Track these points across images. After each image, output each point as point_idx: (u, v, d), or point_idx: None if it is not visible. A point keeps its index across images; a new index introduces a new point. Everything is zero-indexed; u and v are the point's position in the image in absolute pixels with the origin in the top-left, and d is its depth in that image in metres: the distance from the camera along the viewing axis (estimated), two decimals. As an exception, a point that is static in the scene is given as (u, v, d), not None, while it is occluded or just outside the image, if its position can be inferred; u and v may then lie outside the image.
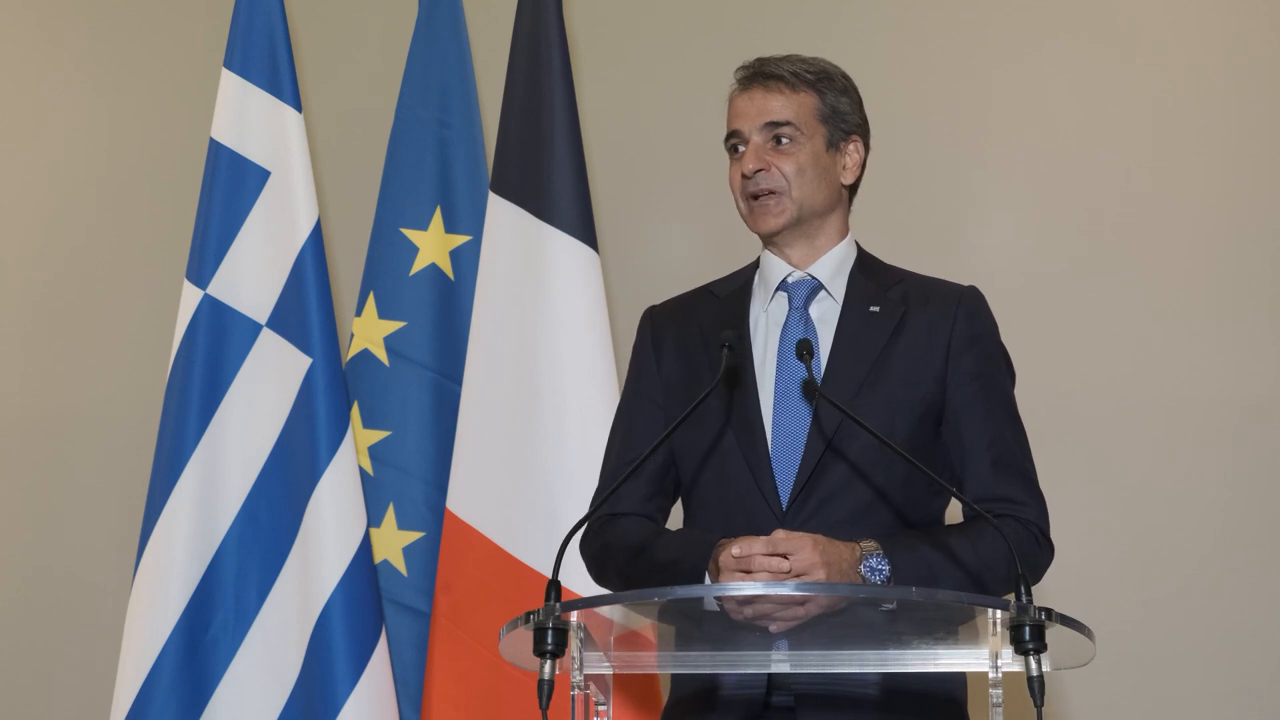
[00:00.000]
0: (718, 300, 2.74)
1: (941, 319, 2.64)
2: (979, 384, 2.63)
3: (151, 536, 3.49)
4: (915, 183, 3.98)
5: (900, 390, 2.59)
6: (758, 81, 2.68)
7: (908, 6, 4.06)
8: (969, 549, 2.50)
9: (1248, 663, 3.68)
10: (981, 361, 2.65)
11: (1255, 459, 3.74)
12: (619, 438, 2.75)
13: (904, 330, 2.63)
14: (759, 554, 2.37)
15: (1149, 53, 3.91)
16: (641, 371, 2.76)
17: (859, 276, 2.70)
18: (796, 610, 2.26)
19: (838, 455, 2.55)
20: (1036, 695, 2.07)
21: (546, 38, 3.69)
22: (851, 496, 2.56)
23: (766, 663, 2.42)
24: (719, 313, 2.71)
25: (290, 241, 3.58)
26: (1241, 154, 3.83)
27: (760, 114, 2.66)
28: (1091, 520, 3.77)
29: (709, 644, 2.37)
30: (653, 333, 2.77)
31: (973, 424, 2.61)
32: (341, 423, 3.52)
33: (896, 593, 2.27)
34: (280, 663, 3.47)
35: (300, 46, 3.95)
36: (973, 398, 2.62)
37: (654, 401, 2.72)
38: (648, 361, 2.75)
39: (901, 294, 2.68)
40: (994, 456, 2.60)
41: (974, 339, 2.65)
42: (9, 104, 4.25)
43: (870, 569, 2.44)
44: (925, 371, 2.61)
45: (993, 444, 2.60)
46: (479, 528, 3.54)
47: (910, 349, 2.62)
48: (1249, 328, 3.79)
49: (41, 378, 4.17)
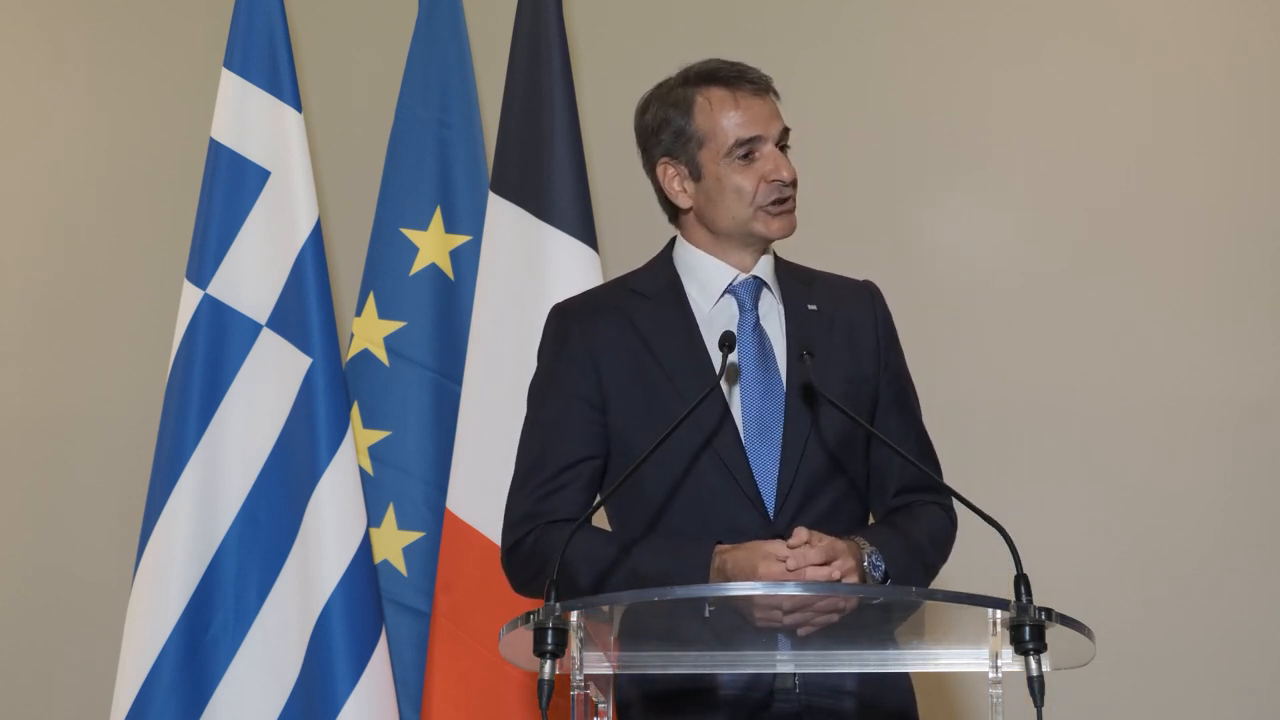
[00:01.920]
0: (648, 300, 2.68)
1: (863, 315, 2.71)
2: (902, 380, 2.74)
3: (151, 536, 3.49)
4: (915, 183, 3.98)
5: (851, 386, 2.63)
6: (760, 87, 2.66)
7: (908, 7, 4.06)
8: (927, 533, 2.60)
9: (1248, 662, 3.68)
10: (899, 357, 2.75)
11: (1255, 458, 3.74)
12: (551, 437, 2.62)
13: (835, 327, 2.67)
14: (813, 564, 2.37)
15: (1149, 53, 3.91)
16: (570, 371, 2.64)
17: (785, 276, 2.72)
18: (833, 616, 2.27)
19: (811, 454, 2.57)
20: (1036, 695, 2.07)
21: (546, 38, 3.69)
22: (826, 495, 2.58)
23: (770, 663, 2.42)
24: (656, 314, 2.65)
25: (290, 241, 3.58)
26: (1240, 154, 3.83)
27: (777, 119, 2.66)
28: (1091, 520, 3.78)
29: (709, 645, 2.36)
30: (581, 332, 2.66)
31: (901, 418, 2.70)
32: (341, 423, 3.52)
33: (897, 594, 2.29)
34: (280, 663, 3.47)
35: (300, 46, 3.95)
36: (900, 393, 2.72)
37: (589, 402, 2.62)
38: (579, 361, 2.64)
39: (823, 292, 2.72)
40: (920, 449, 2.69)
41: (891, 336, 2.74)
42: (9, 104, 4.25)
43: (871, 565, 2.46)
44: (865, 367, 2.67)
45: (918, 437, 2.72)
46: (479, 528, 3.54)
47: (844, 346, 2.66)
48: (1249, 328, 3.79)
49: (41, 378, 4.17)
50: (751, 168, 2.63)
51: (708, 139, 2.64)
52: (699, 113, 2.65)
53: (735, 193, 2.63)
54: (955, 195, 3.98)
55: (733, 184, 2.63)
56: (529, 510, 2.60)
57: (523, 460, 2.67)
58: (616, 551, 2.51)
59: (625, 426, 2.59)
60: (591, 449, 2.61)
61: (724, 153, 2.63)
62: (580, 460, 2.60)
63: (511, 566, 2.62)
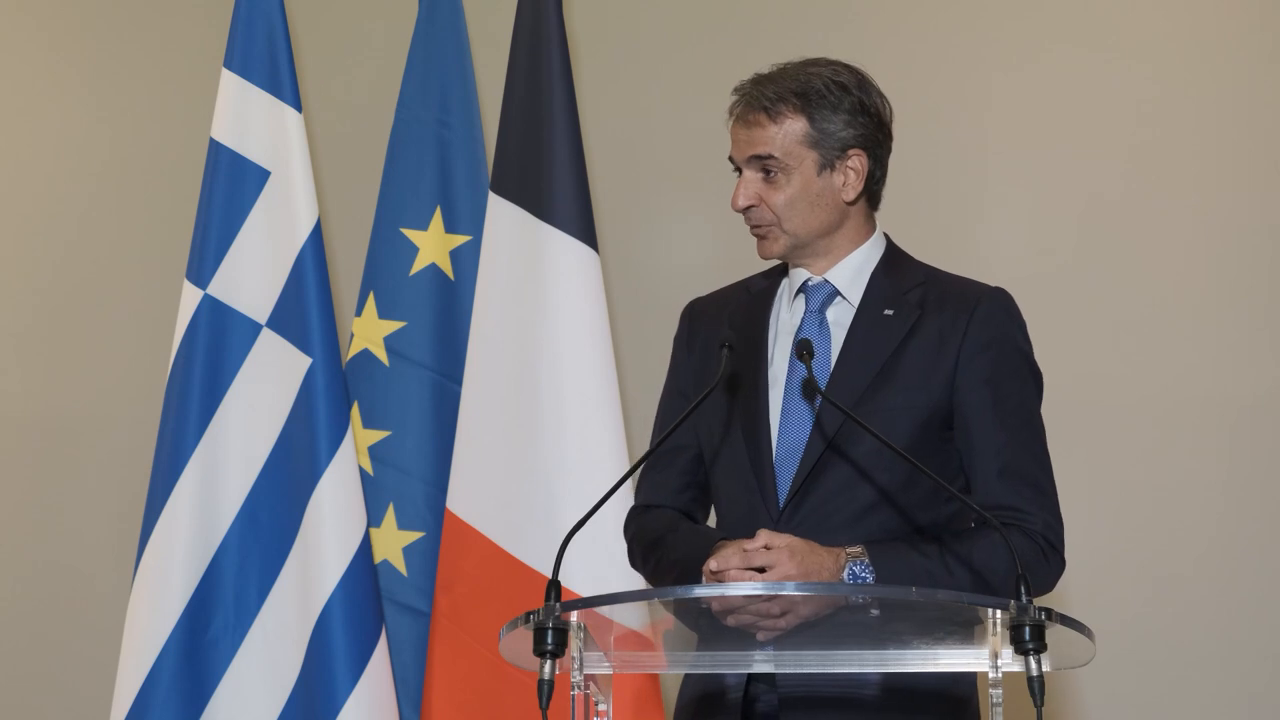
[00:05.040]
0: (749, 296, 2.75)
1: (955, 323, 2.59)
2: (990, 389, 2.57)
3: (151, 536, 3.49)
4: (915, 184, 3.98)
5: (905, 394, 2.56)
6: (746, 110, 2.61)
7: (910, 11, 4.06)
8: (964, 556, 2.48)
9: (1247, 662, 3.68)
10: (995, 366, 2.59)
11: (1253, 457, 3.74)
12: (654, 431, 2.80)
13: (916, 334, 2.59)
14: (735, 568, 2.38)
15: (1148, 55, 3.91)
16: (677, 364, 2.79)
17: (880, 278, 2.66)
18: (778, 621, 2.29)
19: (839, 457, 2.54)
20: (1036, 695, 2.07)
21: (546, 38, 3.69)
22: (852, 499, 2.55)
23: (766, 663, 2.42)
24: (749, 312, 2.72)
25: (290, 241, 3.58)
26: (1239, 155, 3.83)
27: (748, 145, 2.61)
28: (1090, 519, 3.77)
29: (706, 644, 2.38)
30: (689, 326, 2.79)
31: (982, 430, 2.56)
32: (341, 423, 3.52)
33: (897, 593, 2.26)
34: (280, 663, 3.47)
35: (300, 46, 3.95)
36: (982, 403, 2.57)
37: (683, 395, 2.74)
38: (682, 355, 2.78)
39: (920, 296, 2.63)
40: (1003, 464, 2.56)
41: (988, 343, 2.59)
42: (9, 104, 4.25)
43: (853, 575, 2.44)
44: (933, 376, 2.57)
45: (1001, 451, 2.56)
46: (479, 528, 3.54)
47: (920, 353, 2.58)
48: (1246, 327, 3.79)
49: (41, 378, 4.17)
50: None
51: None
52: None
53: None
54: (954, 196, 3.98)
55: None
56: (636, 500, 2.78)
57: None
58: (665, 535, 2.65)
59: (703, 419, 2.68)
60: (688, 439, 2.71)
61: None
62: (676, 450, 2.72)
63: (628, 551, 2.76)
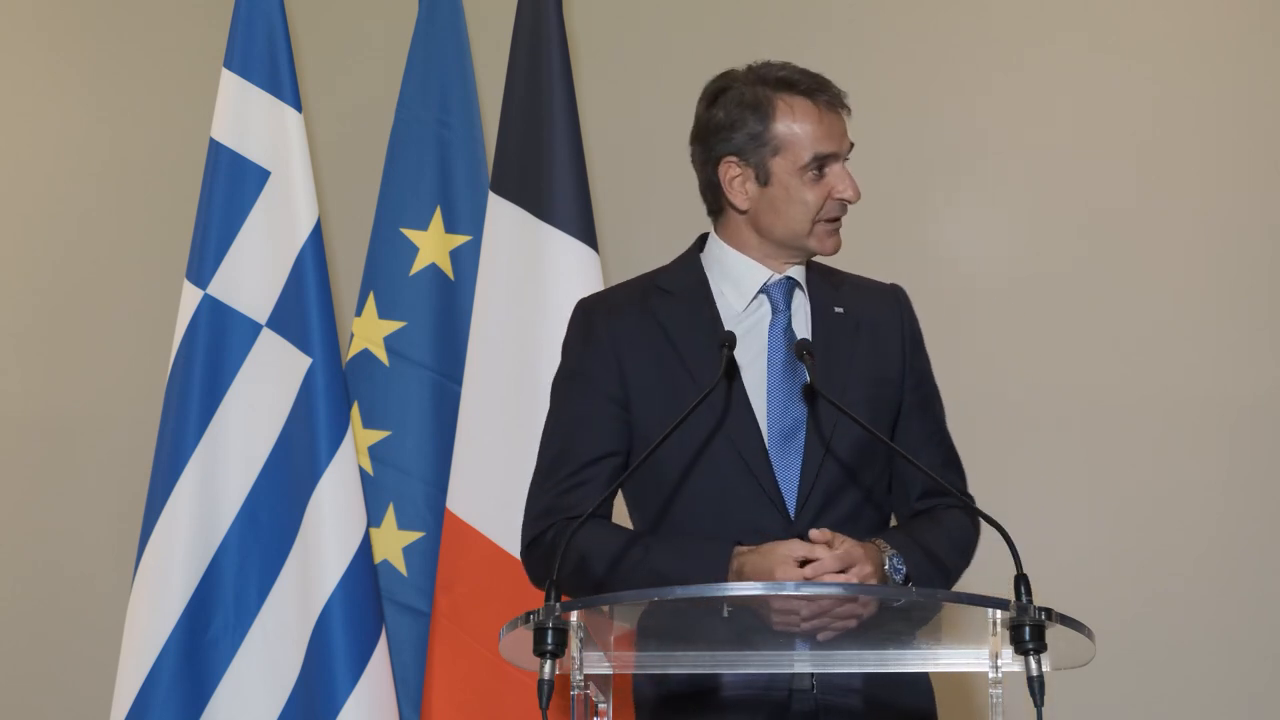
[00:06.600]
0: (674, 297, 2.67)
1: (889, 319, 2.72)
2: (926, 384, 2.74)
3: (151, 536, 3.49)
4: (914, 183, 3.98)
5: (875, 389, 2.64)
6: (836, 101, 2.64)
7: (909, 11, 4.06)
8: (945, 539, 2.60)
9: (1247, 662, 3.68)
10: (924, 361, 2.75)
11: (1253, 457, 3.74)
12: (574, 433, 2.61)
13: (861, 330, 2.67)
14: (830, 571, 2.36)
15: (1148, 55, 3.91)
16: (594, 366, 2.63)
17: (814, 278, 2.72)
18: (850, 621, 2.26)
19: (833, 456, 2.57)
20: (1036, 695, 2.07)
21: (546, 38, 3.69)
22: (847, 498, 2.58)
23: (782, 662, 2.41)
24: (683, 312, 2.65)
25: (290, 241, 3.58)
26: (1239, 155, 3.84)
27: (847, 137, 2.65)
28: (1091, 520, 3.78)
29: (713, 645, 2.35)
30: (606, 328, 2.65)
31: (925, 422, 2.71)
32: (341, 423, 3.52)
33: (895, 593, 2.29)
34: (280, 663, 3.47)
35: (300, 46, 3.95)
36: (923, 398, 2.72)
37: (612, 398, 2.61)
38: (604, 356, 2.63)
39: (850, 294, 2.72)
40: (944, 453, 2.72)
41: (916, 340, 2.75)
42: (9, 104, 4.24)
43: (892, 568, 2.47)
44: (889, 371, 2.68)
45: (940, 442, 2.73)
46: (479, 528, 3.54)
47: (873, 349, 2.67)
48: (1247, 328, 3.79)
49: (41, 378, 4.16)
50: (821, 183, 2.61)
51: (785, 148, 2.60)
52: (780, 120, 2.60)
53: (801, 205, 2.62)
54: (954, 196, 3.98)
55: (801, 196, 2.61)
56: (550, 505, 2.59)
57: (544, 455, 2.66)
58: (640, 550, 2.51)
59: (647, 424, 2.58)
60: (614, 445, 2.60)
61: (801, 165, 2.60)
62: (603, 456, 2.59)
63: (530, 562, 2.61)
